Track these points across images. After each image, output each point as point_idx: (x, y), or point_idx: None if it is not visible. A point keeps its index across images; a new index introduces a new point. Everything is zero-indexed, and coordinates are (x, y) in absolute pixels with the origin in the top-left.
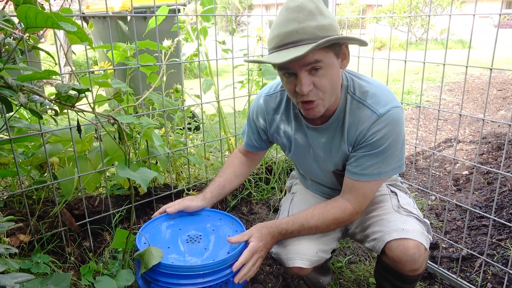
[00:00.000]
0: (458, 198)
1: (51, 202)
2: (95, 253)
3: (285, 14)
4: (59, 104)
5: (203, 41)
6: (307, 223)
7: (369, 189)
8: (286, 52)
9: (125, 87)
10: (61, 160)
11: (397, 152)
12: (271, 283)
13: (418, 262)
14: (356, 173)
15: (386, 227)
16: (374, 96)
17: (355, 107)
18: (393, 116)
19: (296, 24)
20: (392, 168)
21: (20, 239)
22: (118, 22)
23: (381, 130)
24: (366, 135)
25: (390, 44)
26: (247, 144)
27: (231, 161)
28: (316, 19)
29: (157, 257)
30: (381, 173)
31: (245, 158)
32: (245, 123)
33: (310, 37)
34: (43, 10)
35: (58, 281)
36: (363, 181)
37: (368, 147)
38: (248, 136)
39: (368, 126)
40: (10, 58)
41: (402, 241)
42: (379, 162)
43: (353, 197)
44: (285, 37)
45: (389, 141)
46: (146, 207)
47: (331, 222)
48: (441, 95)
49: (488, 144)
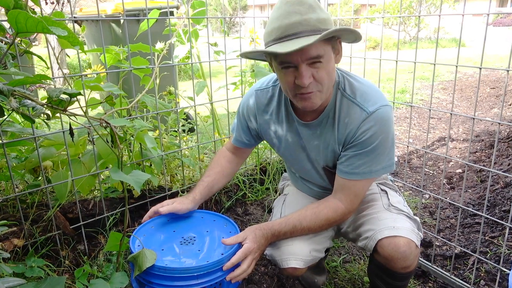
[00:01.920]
0: (452, 196)
1: (45, 205)
2: (89, 256)
3: (286, 7)
4: (51, 108)
5: (195, 44)
6: (299, 224)
7: (360, 187)
8: (290, 43)
9: (117, 90)
10: (55, 164)
11: (387, 151)
12: (266, 284)
13: (409, 259)
14: (347, 172)
15: (377, 225)
16: (364, 94)
17: (345, 104)
18: (382, 115)
19: (299, 16)
20: (382, 166)
21: (14, 243)
22: (111, 24)
23: (370, 128)
24: (356, 134)
25: (382, 44)
26: (236, 140)
27: (218, 160)
28: (316, 12)
29: (151, 259)
30: (372, 171)
31: (232, 156)
32: (235, 119)
33: (312, 28)
34: (34, 14)
35: (52, 285)
36: (354, 180)
37: (358, 146)
38: (238, 131)
39: (358, 124)
40: (1, 63)
41: (393, 239)
42: (370, 161)
43: (345, 196)
44: (287, 28)
45: (378, 140)
46: (141, 209)
47: (324, 222)
48: (435, 94)
49: (481, 142)
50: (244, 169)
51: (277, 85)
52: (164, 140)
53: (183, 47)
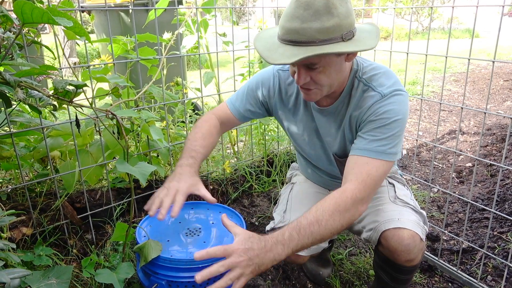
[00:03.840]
0: (461, 190)
1: (53, 195)
2: (96, 246)
3: (293, 7)
4: (58, 100)
5: (204, 34)
6: (305, 219)
7: (374, 168)
8: (283, 49)
9: (122, 81)
10: (63, 154)
11: (401, 134)
12: (271, 275)
13: (413, 252)
14: (360, 148)
15: (382, 217)
16: (380, 79)
17: (360, 90)
18: (397, 98)
19: (299, 23)
20: (396, 151)
21: (23, 232)
22: (120, 13)
23: (384, 106)
24: (369, 112)
25: (393, 36)
26: (236, 110)
27: (210, 130)
28: (320, 20)
29: (157, 250)
30: (386, 152)
31: (220, 128)
32: (241, 89)
33: (308, 39)
34: (42, 3)
35: (59, 274)
36: (367, 157)
37: (372, 123)
38: (242, 103)
39: (371, 104)
40: (8, 54)
41: (397, 231)
42: (384, 139)
43: (355, 176)
44: (287, 33)
45: (394, 118)
46: (147, 199)
47: (332, 208)
48: (447, 86)
49: (493, 136)
50: (251, 161)
51: None
52: (171, 131)
53: (192, 37)
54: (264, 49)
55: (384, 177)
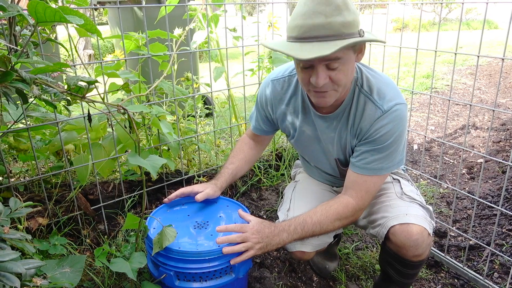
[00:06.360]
0: (471, 186)
1: (67, 186)
2: (109, 236)
3: (312, 5)
4: (70, 95)
5: (214, 29)
6: (310, 219)
7: (371, 184)
8: (310, 46)
9: (133, 77)
10: (76, 147)
11: (400, 148)
12: (277, 268)
13: (422, 247)
14: (359, 166)
15: (390, 212)
16: (380, 91)
17: (361, 100)
18: (397, 113)
19: (323, 18)
20: (394, 164)
21: (39, 222)
22: (133, 8)
23: (385, 126)
24: (370, 130)
25: (402, 31)
26: (255, 128)
27: (241, 147)
28: (342, 15)
29: (171, 237)
30: (383, 168)
31: (253, 143)
32: (254, 107)
33: (335, 33)
34: (56, 3)
35: (73, 263)
36: (366, 175)
37: (372, 143)
38: (257, 120)
39: (372, 121)
40: (24, 52)
41: (406, 226)
42: (383, 158)
43: (356, 192)
44: (310, 29)
45: (393, 138)
46: (158, 192)
47: (335, 217)
48: (462, 80)
49: (507, 132)
50: None
51: (294, 75)
52: (181, 125)
53: (202, 32)
54: (286, 49)
55: (381, 184)
